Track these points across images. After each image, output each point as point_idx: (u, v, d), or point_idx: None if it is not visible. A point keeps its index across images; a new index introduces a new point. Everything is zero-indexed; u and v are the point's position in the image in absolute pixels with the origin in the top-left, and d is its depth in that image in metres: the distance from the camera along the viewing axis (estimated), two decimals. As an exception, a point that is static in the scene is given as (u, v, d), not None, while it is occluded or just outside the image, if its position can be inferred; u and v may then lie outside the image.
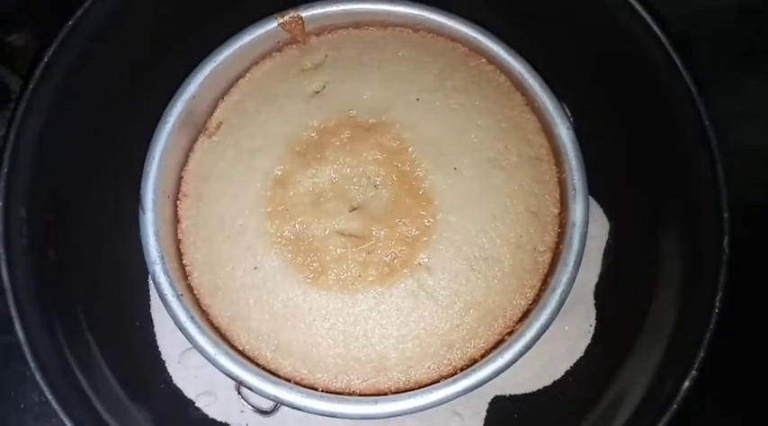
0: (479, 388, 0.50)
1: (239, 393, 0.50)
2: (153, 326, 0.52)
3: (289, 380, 0.45)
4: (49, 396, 0.40)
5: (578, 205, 0.46)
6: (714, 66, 0.66)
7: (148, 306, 0.52)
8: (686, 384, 0.43)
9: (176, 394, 0.50)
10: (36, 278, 0.44)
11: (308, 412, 0.43)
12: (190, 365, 0.52)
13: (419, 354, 0.45)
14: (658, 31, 0.50)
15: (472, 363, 0.45)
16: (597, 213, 0.55)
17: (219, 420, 0.51)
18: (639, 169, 0.53)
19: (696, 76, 0.49)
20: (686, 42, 0.65)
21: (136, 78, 0.51)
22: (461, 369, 0.44)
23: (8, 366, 0.58)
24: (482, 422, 0.52)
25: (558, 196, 0.48)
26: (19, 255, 0.43)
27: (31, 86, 0.45)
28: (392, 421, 0.50)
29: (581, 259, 0.45)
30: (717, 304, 0.44)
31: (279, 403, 0.44)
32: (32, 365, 0.40)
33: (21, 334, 0.40)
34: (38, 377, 0.40)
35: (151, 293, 0.53)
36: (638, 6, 0.50)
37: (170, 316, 0.44)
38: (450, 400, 0.43)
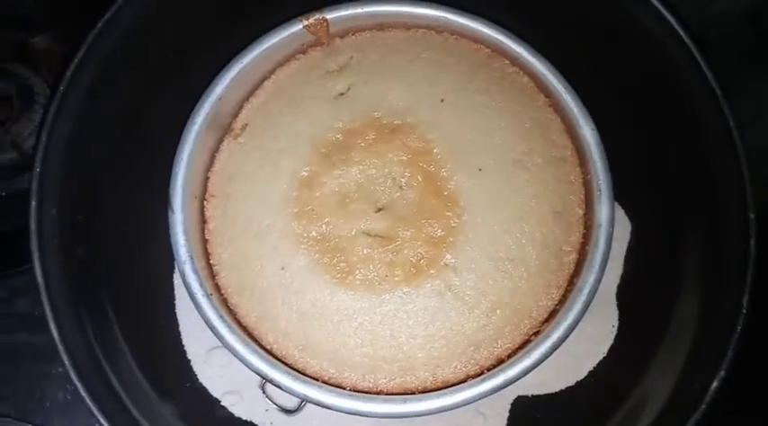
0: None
1: (264, 392, 0.50)
2: (178, 325, 0.53)
3: (316, 379, 0.45)
4: (83, 393, 0.40)
5: (604, 206, 0.46)
6: (725, 69, 0.66)
7: (173, 306, 0.53)
8: (714, 384, 0.43)
9: (202, 392, 0.51)
10: (68, 276, 0.45)
11: (337, 410, 0.43)
12: (215, 364, 0.52)
13: (446, 354, 0.45)
14: (681, 32, 0.50)
15: (499, 363, 0.45)
16: (619, 214, 0.55)
17: (245, 418, 0.52)
18: (661, 169, 0.53)
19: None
20: (700, 45, 0.66)
21: (163, 80, 0.51)
22: (488, 369, 0.45)
23: (34, 365, 0.59)
24: (505, 422, 0.52)
25: (582, 197, 0.48)
26: (51, 254, 0.44)
27: (61, 88, 0.46)
28: (417, 420, 0.51)
29: (607, 260, 0.45)
30: (744, 305, 0.44)
31: (307, 402, 0.45)
32: (66, 362, 0.40)
33: (55, 332, 0.41)
34: (72, 375, 0.41)
35: (176, 292, 0.53)
36: (661, 8, 0.50)
37: (199, 315, 0.44)
38: (477, 399, 0.43)
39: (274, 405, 0.50)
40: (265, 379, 0.44)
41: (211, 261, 0.48)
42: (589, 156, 0.47)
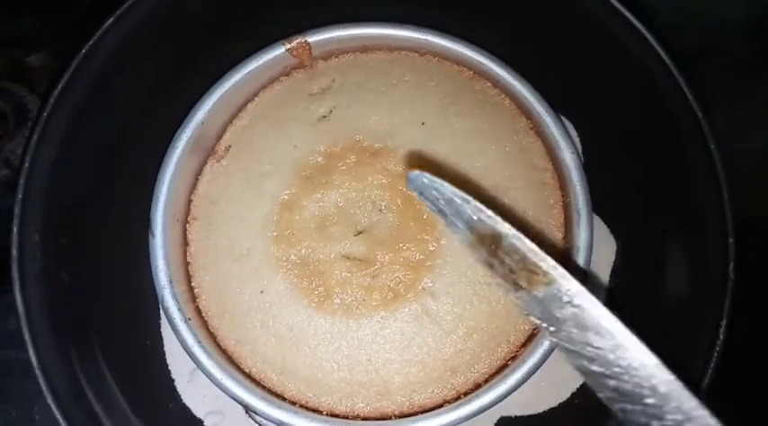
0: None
1: (247, 412, 0.51)
2: (163, 345, 0.53)
3: (294, 403, 0.45)
4: (61, 421, 0.40)
5: (582, 230, 0.46)
6: (727, 75, 0.66)
7: (158, 325, 0.53)
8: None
9: (186, 413, 0.51)
10: (49, 300, 0.45)
11: (313, 436, 0.43)
12: (199, 384, 0.53)
13: (423, 379, 0.45)
14: (663, 55, 0.49)
15: (476, 388, 0.45)
16: (604, 233, 0.55)
17: (228, 439, 0.52)
18: (645, 190, 0.53)
19: (705, 90, 0.49)
20: (697, 56, 0.66)
21: (147, 104, 0.52)
22: (465, 394, 0.45)
23: (24, 380, 0.60)
24: (488, 443, 0.52)
25: (562, 220, 0.48)
26: (32, 280, 0.44)
27: (45, 114, 0.47)
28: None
29: (585, 283, 0.45)
30: (722, 329, 0.44)
31: (284, 426, 0.45)
32: (44, 388, 0.41)
33: (33, 358, 0.42)
34: (50, 401, 0.41)
35: (161, 312, 0.54)
36: (643, 30, 0.50)
37: (178, 340, 0.45)
38: (454, 424, 0.43)
39: (257, 426, 0.50)
40: (242, 405, 0.44)
41: (192, 284, 0.48)
42: (569, 180, 0.47)
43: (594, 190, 0.48)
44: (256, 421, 0.51)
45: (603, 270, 0.55)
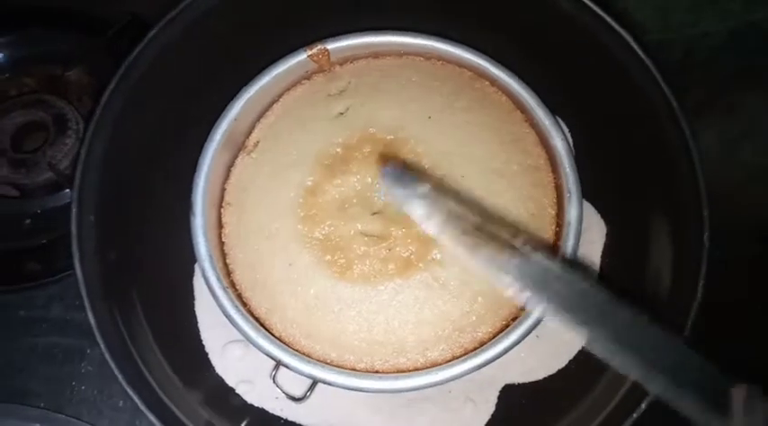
0: (491, 378, 0.56)
1: (274, 381, 0.55)
2: (197, 322, 0.59)
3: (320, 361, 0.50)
4: (116, 372, 0.46)
5: (573, 206, 0.52)
6: (710, 88, 0.71)
7: (193, 305, 0.59)
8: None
9: (219, 381, 0.56)
10: (102, 275, 0.51)
11: (339, 386, 0.48)
12: (229, 357, 0.58)
13: (434, 337, 0.50)
14: (647, 59, 0.55)
15: (481, 345, 0.50)
16: (595, 219, 0.60)
17: (257, 405, 0.57)
18: (632, 178, 0.58)
19: (694, 97, 0.54)
20: (682, 70, 0.71)
21: (184, 106, 0.58)
22: (472, 351, 0.50)
23: (65, 364, 0.65)
24: (493, 408, 0.56)
25: (555, 199, 0.54)
26: (88, 255, 0.50)
27: (97, 112, 0.53)
28: (414, 407, 0.56)
29: (576, 253, 0.51)
30: (699, 291, 0.49)
31: (313, 384, 0.50)
32: (102, 345, 0.46)
33: (92, 320, 0.47)
34: (107, 356, 0.46)
35: (195, 292, 0.59)
36: (624, 33, 0.56)
37: (217, 306, 0.50)
38: (461, 376, 0.48)
39: (283, 393, 0.55)
40: (277, 361, 0.49)
41: (227, 261, 0.54)
42: (560, 163, 0.53)
43: (586, 181, 0.53)
44: (282, 390, 0.56)
45: (596, 253, 0.60)
